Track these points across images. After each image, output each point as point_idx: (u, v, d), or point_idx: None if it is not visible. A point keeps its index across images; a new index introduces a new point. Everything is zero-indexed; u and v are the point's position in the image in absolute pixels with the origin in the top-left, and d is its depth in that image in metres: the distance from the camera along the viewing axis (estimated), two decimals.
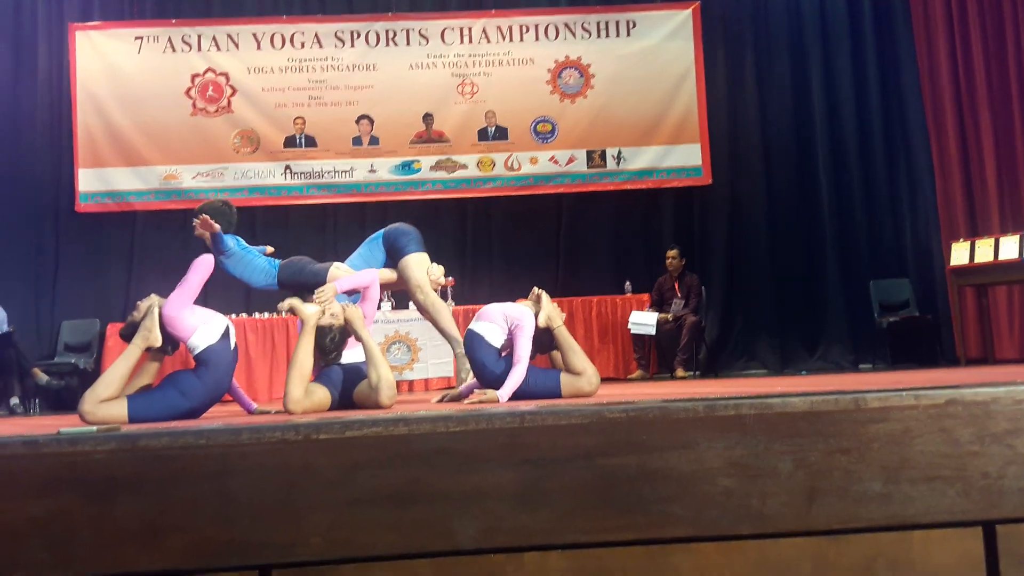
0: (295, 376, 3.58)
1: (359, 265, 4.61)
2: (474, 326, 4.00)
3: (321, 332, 3.73)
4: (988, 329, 7.30)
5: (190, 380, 3.52)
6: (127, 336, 3.62)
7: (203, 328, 3.54)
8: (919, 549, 1.07)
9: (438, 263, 4.77)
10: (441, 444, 1.04)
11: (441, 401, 4.13)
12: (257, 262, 4.61)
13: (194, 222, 4.47)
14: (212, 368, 3.52)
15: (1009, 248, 6.58)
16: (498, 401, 3.65)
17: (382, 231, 4.74)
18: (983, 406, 1.09)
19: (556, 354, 4.05)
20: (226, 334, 3.59)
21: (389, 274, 4.58)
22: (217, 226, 4.43)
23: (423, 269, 4.56)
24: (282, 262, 4.63)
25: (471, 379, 4.16)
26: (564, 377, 3.85)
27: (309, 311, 3.73)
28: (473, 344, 3.93)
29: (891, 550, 1.07)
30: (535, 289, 4.05)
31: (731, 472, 1.07)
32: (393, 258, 4.60)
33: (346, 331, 3.79)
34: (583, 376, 3.84)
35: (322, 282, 4.31)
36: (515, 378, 3.72)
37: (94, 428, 2.41)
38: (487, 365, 3.87)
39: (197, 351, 3.53)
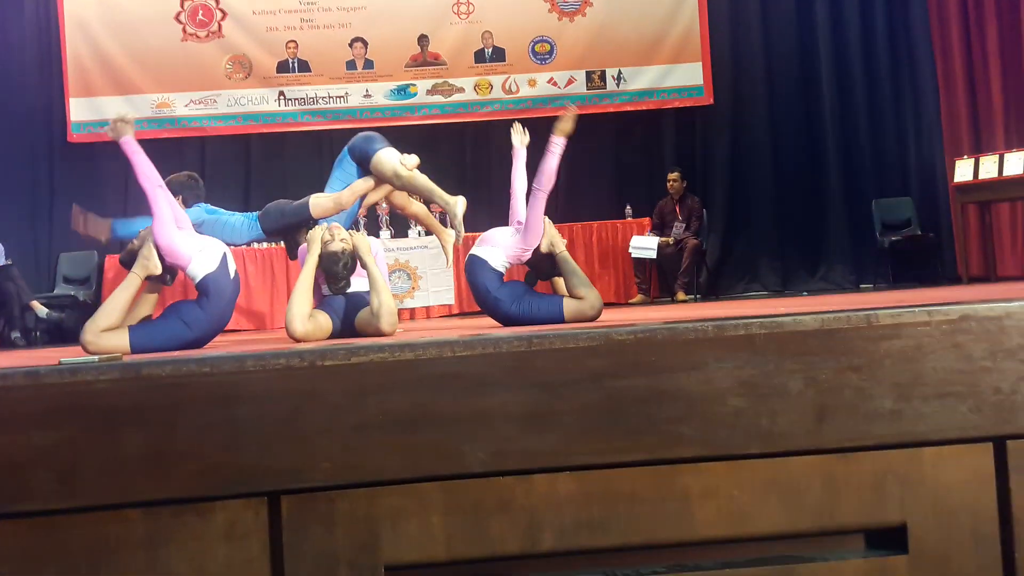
0: (299, 294, 3.58)
1: (338, 188, 4.44)
2: (476, 251, 3.98)
3: (332, 258, 3.72)
4: (991, 247, 7.28)
5: (193, 310, 3.51)
6: (126, 263, 3.61)
7: (200, 255, 3.51)
8: (930, 465, 1.07)
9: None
10: (448, 368, 1.03)
11: None
12: (232, 221, 4.39)
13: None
14: (214, 297, 3.51)
15: (1014, 164, 6.51)
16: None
17: (346, 147, 4.60)
18: (996, 321, 1.08)
19: (559, 281, 4.04)
20: (224, 261, 3.57)
21: (364, 184, 4.41)
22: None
23: (395, 159, 4.31)
24: (259, 213, 4.50)
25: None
26: (567, 302, 3.85)
27: (314, 234, 3.75)
28: (475, 268, 3.92)
29: (901, 467, 1.07)
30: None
31: (741, 392, 1.06)
32: (365, 167, 4.39)
33: (355, 258, 3.78)
34: (586, 301, 3.84)
35: (306, 216, 4.25)
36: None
37: (95, 358, 2.41)
38: (490, 290, 3.87)
39: (197, 279, 3.51)
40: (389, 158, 4.32)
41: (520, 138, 4.34)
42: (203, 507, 0.98)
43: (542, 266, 4.02)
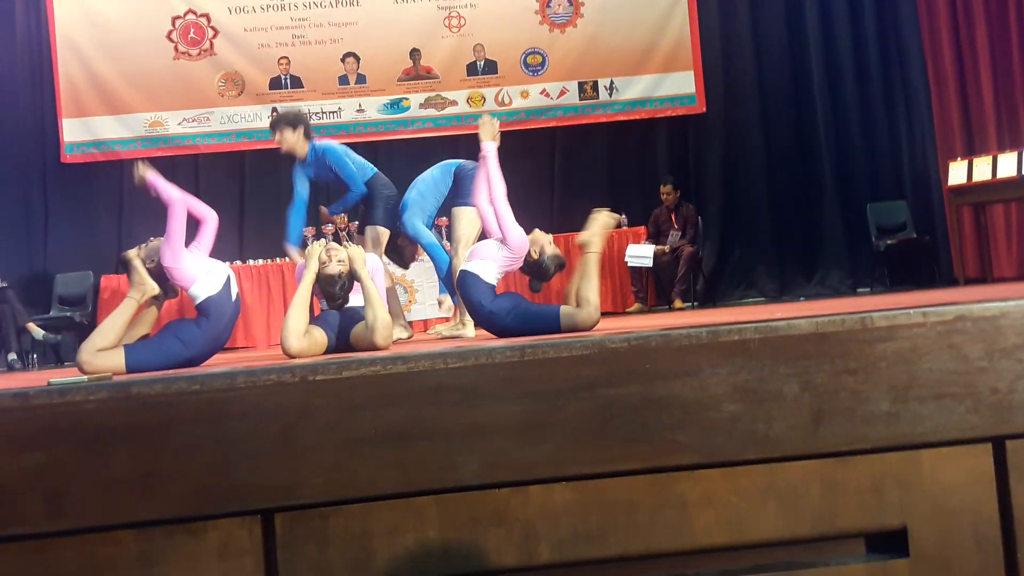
0: (295, 311, 3.58)
1: (427, 189, 4.90)
2: (467, 265, 3.98)
3: (329, 280, 3.72)
4: (986, 248, 7.28)
5: (190, 329, 3.51)
6: (124, 270, 3.65)
7: (204, 277, 3.53)
8: (928, 467, 1.06)
9: None
10: (441, 381, 1.02)
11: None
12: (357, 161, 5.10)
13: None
14: (213, 318, 3.51)
15: (1007, 165, 6.52)
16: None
17: (459, 162, 5.00)
18: (992, 321, 1.07)
19: (571, 286, 4.01)
20: (228, 284, 3.58)
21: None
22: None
23: (473, 228, 4.67)
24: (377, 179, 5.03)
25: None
26: (563, 311, 3.84)
27: (312, 250, 3.76)
28: (468, 283, 3.92)
29: (900, 469, 1.06)
30: (596, 210, 4.07)
31: (736, 397, 1.05)
32: (456, 193, 4.84)
33: (352, 278, 3.78)
34: (583, 310, 3.82)
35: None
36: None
37: (85, 378, 2.39)
38: (484, 304, 3.87)
39: (198, 300, 3.52)
40: (468, 223, 4.66)
41: (490, 130, 4.25)
42: (195, 527, 0.97)
43: (538, 271, 4.05)
